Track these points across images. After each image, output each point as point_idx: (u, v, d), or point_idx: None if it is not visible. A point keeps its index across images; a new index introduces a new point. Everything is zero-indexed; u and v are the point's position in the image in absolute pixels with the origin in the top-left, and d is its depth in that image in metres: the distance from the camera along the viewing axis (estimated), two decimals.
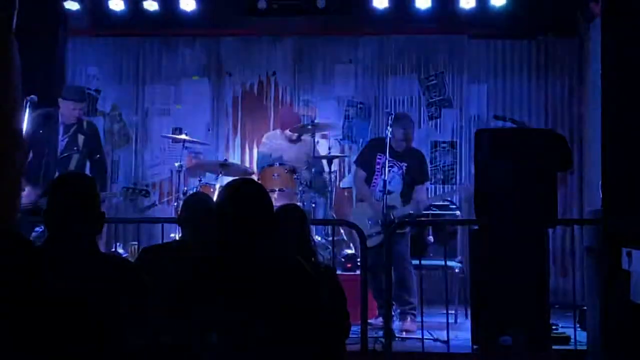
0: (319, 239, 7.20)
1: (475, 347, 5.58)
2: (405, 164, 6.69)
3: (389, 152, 6.42)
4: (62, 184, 2.86)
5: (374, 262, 6.31)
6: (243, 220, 2.71)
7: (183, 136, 7.89)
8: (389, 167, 6.46)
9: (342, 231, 7.85)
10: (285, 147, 7.77)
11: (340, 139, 8.88)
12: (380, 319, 6.21)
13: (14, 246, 0.88)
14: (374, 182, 6.72)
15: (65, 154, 6.61)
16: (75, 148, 6.62)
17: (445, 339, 5.65)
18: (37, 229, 5.91)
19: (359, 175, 6.85)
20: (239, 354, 2.52)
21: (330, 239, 6.95)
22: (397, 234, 6.19)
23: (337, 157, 8.23)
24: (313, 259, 3.82)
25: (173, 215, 7.39)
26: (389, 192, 6.44)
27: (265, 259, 2.66)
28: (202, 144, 8.64)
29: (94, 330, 2.22)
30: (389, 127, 6.55)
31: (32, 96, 6.28)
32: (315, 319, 2.65)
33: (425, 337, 5.70)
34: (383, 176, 6.49)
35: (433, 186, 8.62)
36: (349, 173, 8.66)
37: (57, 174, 6.43)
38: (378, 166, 6.67)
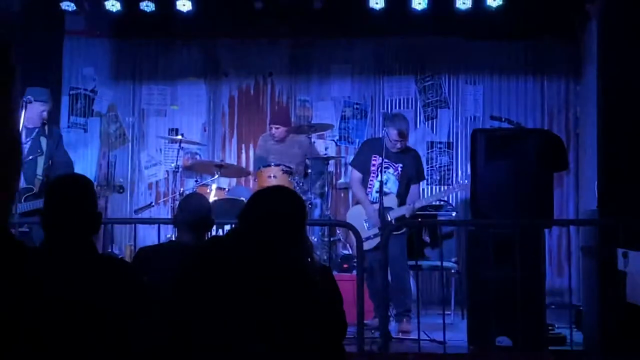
0: (316, 239, 7.20)
1: (471, 347, 5.58)
2: (401, 165, 6.66)
3: (384, 153, 6.41)
4: (58, 185, 2.86)
5: (371, 263, 6.32)
6: (258, 227, 2.72)
7: (179, 137, 7.89)
8: (384, 168, 6.45)
9: (338, 232, 7.85)
10: (272, 148, 7.79)
11: (337, 140, 8.89)
12: (377, 319, 6.21)
13: (7, 248, 0.88)
14: (370, 184, 6.70)
15: (30, 157, 6.48)
16: (39, 151, 6.48)
17: (442, 339, 5.64)
18: None
19: (355, 176, 6.82)
20: (237, 354, 2.52)
21: (327, 239, 6.96)
22: (394, 235, 6.18)
23: (333, 157, 8.23)
24: (309, 259, 3.81)
25: (169, 216, 7.39)
26: (385, 194, 6.42)
27: (263, 260, 2.66)
28: (198, 145, 8.65)
29: (90, 331, 2.22)
30: (384, 128, 6.54)
31: (29, 97, 6.26)
32: (313, 320, 2.65)
33: (421, 337, 5.70)
34: (379, 178, 6.49)
35: (429, 186, 8.63)
36: (345, 174, 8.67)
37: (22, 178, 6.32)
38: (374, 167, 6.66)
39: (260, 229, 2.69)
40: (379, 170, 6.50)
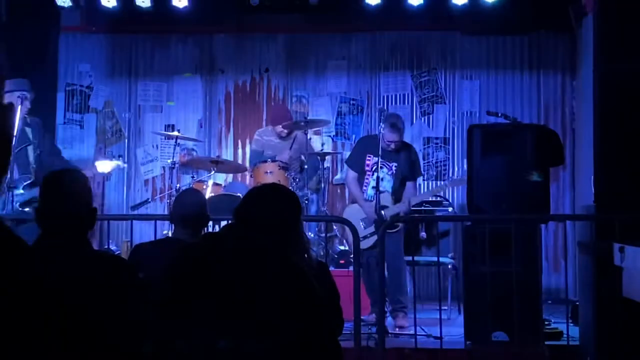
0: (312, 235, 7.20)
1: (468, 342, 5.59)
2: (396, 164, 6.62)
3: (380, 152, 6.38)
4: (53, 180, 2.85)
5: (368, 260, 6.31)
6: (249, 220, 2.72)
7: (176, 133, 7.87)
8: (380, 167, 6.43)
9: (335, 228, 7.85)
10: (275, 144, 7.77)
11: (333, 136, 8.89)
12: (374, 315, 6.21)
13: (5, 246, 0.87)
14: (365, 182, 6.69)
15: (21, 147, 6.44)
16: (27, 141, 6.46)
17: (439, 334, 5.65)
18: None
19: (351, 175, 6.80)
20: (232, 351, 2.52)
21: (324, 235, 6.96)
22: (390, 233, 6.18)
23: (330, 153, 8.23)
24: (306, 255, 3.81)
25: (165, 212, 7.39)
26: (380, 192, 6.40)
27: (260, 257, 2.66)
28: (194, 141, 8.63)
29: (86, 328, 2.22)
30: (381, 124, 6.53)
31: (24, 92, 6.25)
32: (310, 316, 2.65)
33: (418, 333, 5.71)
34: (374, 176, 6.47)
35: (426, 182, 8.63)
36: (341, 169, 8.66)
37: (15, 168, 6.30)
38: (368, 167, 6.64)
39: (256, 226, 2.70)
40: (374, 169, 6.49)
